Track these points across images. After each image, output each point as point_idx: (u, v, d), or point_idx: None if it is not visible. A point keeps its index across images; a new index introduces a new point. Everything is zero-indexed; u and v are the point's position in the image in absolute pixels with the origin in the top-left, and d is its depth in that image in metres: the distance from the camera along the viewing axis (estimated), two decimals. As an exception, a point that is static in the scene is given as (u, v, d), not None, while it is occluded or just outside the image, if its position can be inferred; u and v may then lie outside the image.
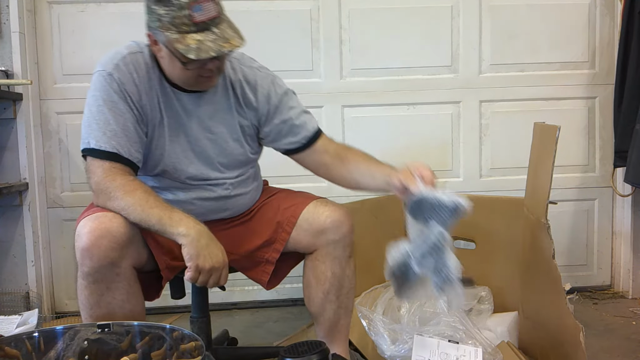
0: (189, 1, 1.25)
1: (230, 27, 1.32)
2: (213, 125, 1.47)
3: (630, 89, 2.34)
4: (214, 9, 1.29)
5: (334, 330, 1.55)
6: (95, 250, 1.25)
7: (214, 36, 1.28)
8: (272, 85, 1.51)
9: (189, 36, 1.27)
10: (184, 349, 1.25)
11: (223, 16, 1.33)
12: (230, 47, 1.29)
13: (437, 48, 2.55)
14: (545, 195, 1.56)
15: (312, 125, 1.56)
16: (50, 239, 2.48)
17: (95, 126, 1.35)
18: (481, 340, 1.69)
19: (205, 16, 1.27)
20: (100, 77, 1.37)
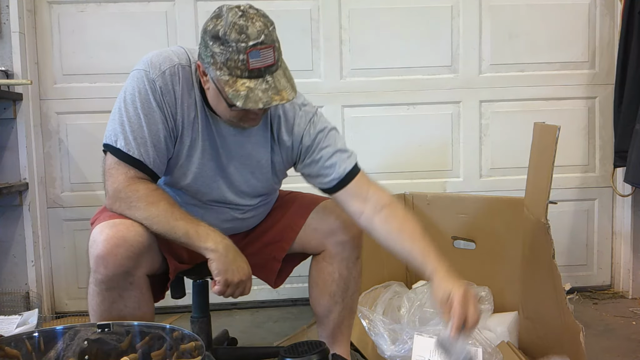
0: (249, 46, 1.18)
1: (285, 75, 1.26)
2: (245, 157, 1.42)
3: (630, 89, 2.35)
4: (272, 56, 1.21)
5: (337, 332, 1.56)
6: (110, 259, 1.24)
7: (266, 85, 1.21)
8: (309, 125, 1.42)
9: (240, 81, 1.20)
10: (184, 349, 1.25)
11: (280, 63, 1.26)
12: (280, 101, 1.21)
13: (437, 48, 2.55)
14: (545, 195, 1.56)
15: (343, 166, 1.42)
16: (50, 239, 2.48)
17: (127, 127, 1.30)
18: (481, 340, 1.69)
19: (261, 63, 1.20)
20: (145, 78, 1.32)
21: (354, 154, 1.46)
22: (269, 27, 1.21)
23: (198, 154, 1.38)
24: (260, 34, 1.18)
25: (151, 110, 1.31)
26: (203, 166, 1.40)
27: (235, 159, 1.42)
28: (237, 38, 1.17)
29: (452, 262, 2.23)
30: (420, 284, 2.18)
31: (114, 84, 2.40)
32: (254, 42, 1.18)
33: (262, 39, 1.18)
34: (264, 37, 1.19)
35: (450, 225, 2.23)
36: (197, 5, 2.44)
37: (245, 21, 1.19)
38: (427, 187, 2.50)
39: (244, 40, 1.17)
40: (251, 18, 1.20)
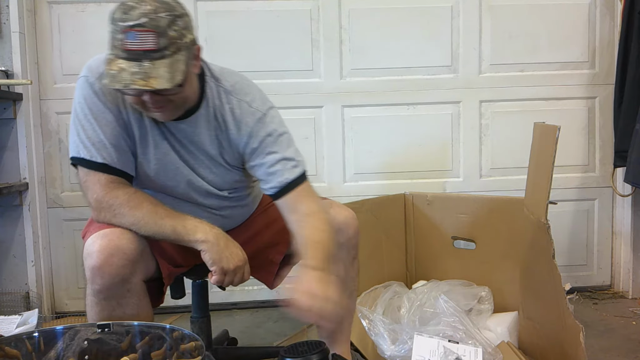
0: (126, 26, 1.17)
1: (172, 67, 1.18)
2: (196, 148, 1.40)
3: (630, 89, 2.34)
4: (153, 41, 1.16)
5: (336, 332, 1.55)
6: (106, 269, 1.25)
7: (138, 69, 1.16)
8: (257, 125, 1.37)
9: (118, 61, 1.18)
10: (184, 349, 1.25)
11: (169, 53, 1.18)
12: (143, 86, 1.16)
13: (437, 48, 2.55)
14: (545, 195, 1.56)
15: (285, 176, 1.36)
16: (50, 239, 2.48)
17: (83, 135, 1.31)
18: (481, 340, 1.69)
19: (138, 46, 1.16)
20: (86, 83, 1.33)
21: (301, 163, 1.39)
22: (159, 13, 1.17)
23: (151, 148, 1.38)
24: (142, 17, 1.16)
25: (100, 112, 1.32)
26: (160, 160, 1.39)
27: (188, 150, 1.40)
28: (120, 17, 1.17)
29: (452, 262, 2.25)
30: (420, 284, 2.18)
31: (114, 84, 2.40)
32: (132, 23, 1.16)
33: (141, 21, 1.16)
34: (147, 20, 1.16)
35: (450, 225, 2.23)
36: (197, 5, 2.44)
37: (135, 3, 1.18)
38: (427, 187, 2.50)
39: (124, 20, 1.17)
40: (144, 1, 1.18)
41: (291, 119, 2.50)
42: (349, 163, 2.55)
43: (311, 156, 2.51)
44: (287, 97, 2.45)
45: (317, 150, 2.52)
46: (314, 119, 2.51)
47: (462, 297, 1.96)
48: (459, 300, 1.90)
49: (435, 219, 2.26)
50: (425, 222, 2.29)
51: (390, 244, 2.30)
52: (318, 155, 2.53)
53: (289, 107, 2.48)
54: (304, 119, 2.50)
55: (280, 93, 2.45)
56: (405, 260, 2.35)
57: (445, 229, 2.24)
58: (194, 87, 1.33)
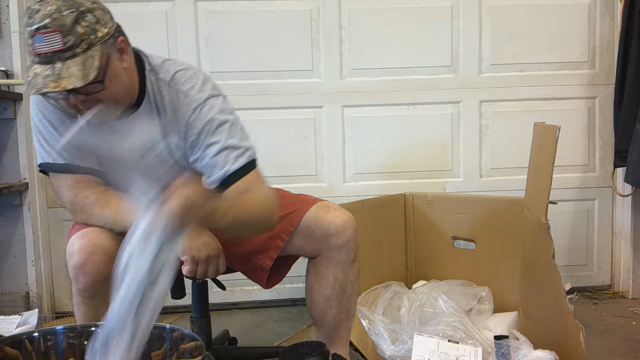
0: (32, 30, 1.13)
1: (83, 65, 1.15)
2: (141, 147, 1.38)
3: (630, 89, 2.34)
4: (60, 41, 1.13)
5: (334, 334, 1.55)
6: (88, 267, 1.25)
7: (50, 72, 1.14)
8: (193, 115, 1.33)
9: (33, 67, 1.16)
10: (184, 349, 1.24)
11: (81, 51, 1.15)
12: (54, 88, 1.13)
13: (437, 48, 2.55)
14: (545, 195, 1.56)
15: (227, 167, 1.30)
16: (50, 239, 2.48)
17: (43, 140, 1.33)
18: (481, 340, 1.69)
19: (47, 49, 1.13)
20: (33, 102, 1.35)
21: (248, 151, 1.33)
22: (63, 11, 1.14)
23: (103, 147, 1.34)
24: (45, 18, 1.13)
25: (53, 114, 1.32)
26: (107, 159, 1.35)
27: None
28: (27, 22, 1.15)
29: (452, 262, 2.24)
30: (420, 284, 2.18)
31: (114, 84, 2.40)
32: (36, 26, 1.13)
33: (45, 23, 1.13)
34: (49, 20, 1.13)
35: (450, 225, 2.23)
36: (197, 5, 2.44)
37: (40, 5, 1.14)
38: (427, 187, 2.50)
39: (30, 24, 1.14)
40: (47, 2, 1.14)
41: (291, 119, 2.53)
42: (349, 163, 2.55)
43: (311, 156, 2.51)
44: (287, 97, 2.45)
45: (317, 150, 2.52)
46: (314, 119, 2.51)
47: (462, 297, 1.96)
48: (459, 300, 1.90)
49: (435, 219, 2.26)
50: (425, 222, 2.29)
51: (390, 244, 2.30)
52: (318, 155, 2.53)
53: (289, 107, 2.48)
54: (304, 119, 2.50)
55: (280, 93, 2.45)
56: (405, 260, 2.35)
57: (445, 229, 2.24)
58: (124, 82, 1.28)
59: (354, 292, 1.54)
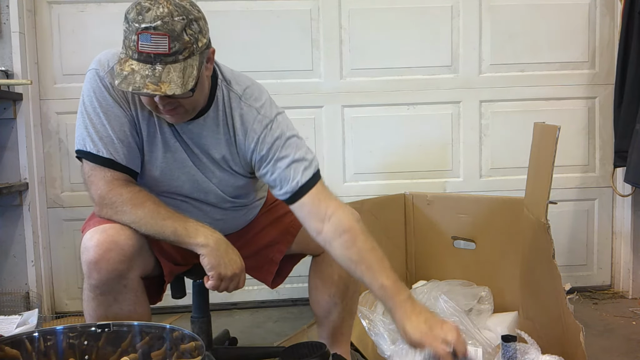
0: (140, 28, 1.14)
1: (184, 72, 1.17)
2: (202, 151, 1.39)
3: (630, 89, 2.35)
4: (167, 45, 1.15)
5: (337, 332, 1.56)
6: (103, 264, 1.25)
7: (150, 72, 1.15)
8: (265, 131, 1.36)
9: (130, 62, 1.17)
10: (184, 349, 1.25)
11: (182, 58, 1.17)
12: (154, 91, 1.15)
13: (437, 48, 2.55)
14: (545, 195, 1.56)
15: (297, 179, 1.33)
16: (50, 239, 2.48)
17: (92, 129, 1.31)
18: (481, 340, 1.69)
19: (152, 49, 1.15)
20: (97, 76, 1.32)
21: (313, 163, 1.37)
22: (174, 16, 1.15)
23: (159, 146, 1.37)
24: (157, 19, 1.14)
25: (109, 106, 1.31)
26: (167, 159, 1.39)
27: (193, 152, 1.39)
28: (135, 18, 1.15)
29: (452, 262, 2.24)
30: (420, 284, 2.18)
31: (114, 84, 2.40)
32: (146, 25, 1.14)
33: (156, 24, 1.14)
34: (160, 23, 1.14)
35: (450, 225, 2.23)
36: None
37: (150, 4, 1.15)
38: (427, 187, 2.50)
39: (138, 21, 1.14)
40: (159, 3, 1.16)
41: (291, 119, 2.51)
42: (349, 163, 2.55)
43: (311, 156, 2.51)
44: (287, 97, 2.45)
45: (317, 150, 2.52)
46: (314, 119, 2.51)
47: (462, 297, 1.96)
48: (459, 300, 1.90)
49: (435, 219, 2.26)
50: (425, 222, 2.29)
51: (390, 244, 2.29)
52: (318, 156, 2.52)
53: (289, 107, 2.45)
54: (304, 119, 2.50)
55: (280, 93, 2.45)
56: (405, 260, 2.35)
57: (445, 229, 2.24)
58: (206, 90, 1.32)
59: (356, 290, 1.55)
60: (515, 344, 1.43)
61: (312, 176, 1.34)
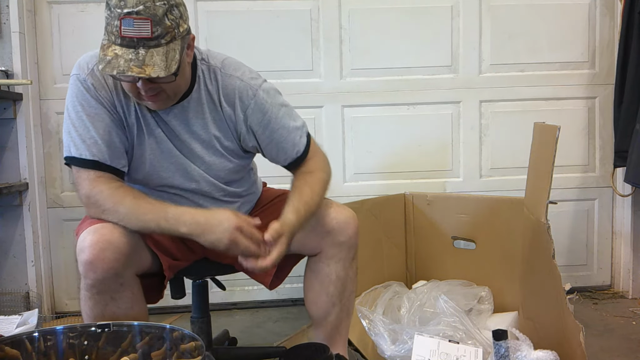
0: (123, 13, 1.17)
1: (165, 56, 1.20)
2: (187, 139, 1.41)
3: (630, 89, 2.34)
4: (149, 29, 1.18)
5: (334, 333, 1.55)
6: (99, 263, 1.25)
7: (133, 56, 1.18)
8: (253, 101, 1.40)
9: (113, 47, 1.19)
10: (184, 349, 1.25)
11: (165, 42, 1.20)
12: (138, 74, 1.17)
13: (437, 48, 2.55)
14: (545, 195, 1.56)
15: (296, 149, 1.46)
16: (50, 239, 2.48)
17: (74, 133, 1.33)
18: (481, 340, 1.69)
19: (134, 34, 1.17)
20: (77, 81, 1.34)
21: (305, 127, 1.49)
22: (156, 1, 1.18)
23: (146, 137, 1.39)
24: (139, 4, 1.17)
25: (92, 108, 1.33)
26: (154, 150, 1.40)
27: (180, 139, 1.41)
28: (117, 4, 1.18)
29: (452, 262, 2.24)
30: (420, 284, 2.18)
31: (114, 84, 2.40)
32: (128, 10, 1.17)
33: (138, 9, 1.17)
34: (143, 8, 1.17)
35: (450, 225, 2.23)
36: (197, 5, 2.44)
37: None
38: (427, 187, 2.50)
39: (120, 7, 1.17)
40: None
41: (291, 119, 2.52)
42: (349, 163, 2.56)
43: (311, 156, 2.51)
44: (287, 97, 2.41)
45: (317, 150, 2.52)
46: (314, 119, 2.51)
47: (462, 297, 1.96)
48: (459, 300, 1.90)
49: (435, 219, 2.26)
50: (425, 222, 2.29)
51: (390, 244, 2.30)
52: (318, 155, 2.53)
53: (289, 107, 2.48)
54: (304, 119, 2.48)
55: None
56: (405, 260, 2.35)
57: (445, 229, 2.24)
58: (187, 76, 1.35)
59: (353, 290, 1.55)
60: (507, 341, 1.43)
61: (307, 141, 1.48)
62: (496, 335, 1.44)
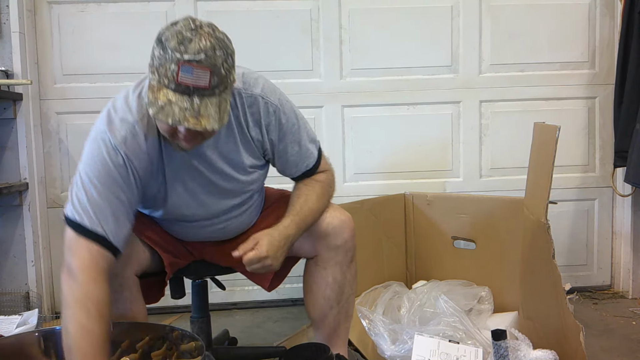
0: (183, 59, 1.11)
1: (219, 106, 1.16)
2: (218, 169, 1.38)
3: (630, 89, 2.34)
4: (208, 80, 1.13)
5: (333, 335, 1.55)
6: None
7: (188, 105, 1.12)
8: (274, 118, 1.40)
9: (164, 91, 1.13)
10: (184, 349, 1.25)
11: (220, 92, 1.16)
12: (195, 125, 1.13)
13: (437, 48, 2.55)
14: (545, 195, 1.56)
15: (307, 162, 1.48)
16: (50, 239, 2.48)
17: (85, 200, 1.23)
18: (481, 340, 1.69)
19: (192, 82, 1.12)
20: (104, 145, 1.26)
21: (316, 140, 1.51)
22: (216, 50, 1.13)
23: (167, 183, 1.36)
24: (201, 53, 1.12)
25: (111, 179, 1.25)
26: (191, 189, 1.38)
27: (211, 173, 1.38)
28: (175, 47, 1.12)
29: (452, 262, 2.25)
30: (420, 284, 2.18)
31: (114, 84, 2.40)
32: (190, 57, 1.11)
33: (200, 58, 1.12)
34: (204, 57, 1.12)
35: (450, 225, 2.23)
36: (197, 5, 2.44)
37: (192, 35, 1.13)
38: (427, 187, 2.50)
39: (180, 52, 1.11)
40: (201, 34, 1.13)
41: (291, 119, 2.52)
42: (349, 163, 2.55)
43: (311, 156, 2.51)
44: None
45: (317, 150, 2.52)
46: (314, 119, 2.51)
47: (462, 297, 1.96)
48: (459, 300, 1.90)
49: (435, 219, 2.26)
50: (425, 222, 2.29)
51: (390, 244, 2.30)
52: (318, 155, 2.53)
53: (289, 107, 2.48)
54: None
55: (280, 93, 2.45)
56: (405, 260, 2.35)
57: (445, 229, 2.24)
58: None
59: (352, 292, 1.55)
60: (506, 341, 1.43)
61: (316, 157, 1.49)
62: (495, 335, 1.44)
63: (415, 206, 2.31)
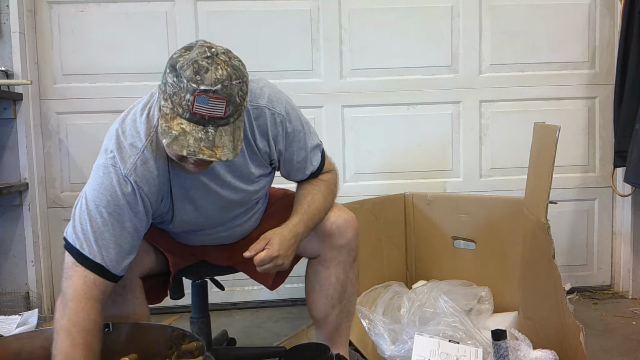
0: (199, 89, 1.09)
1: (233, 135, 1.14)
2: (227, 183, 1.37)
3: (630, 89, 2.34)
4: (223, 110, 1.11)
5: (334, 335, 1.55)
6: None
7: (203, 135, 1.11)
8: (279, 127, 1.37)
9: (178, 120, 1.11)
10: (184, 349, 1.25)
11: (234, 120, 1.14)
12: (210, 157, 1.11)
13: (437, 48, 2.55)
14: (545, 195, 1.56)
15: (311, 168, 1.47)
16: (50, 239, 2.48)
17: (88, 228, 1.22)
18: (481, 340, 1.69)
19: (207, 112, 1.10)
20: (114, 173, 1.24)
21: (320, 144, 1.51)
22: (232, 80, 1.11)
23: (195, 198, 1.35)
24: (218, 83, 1.10)
25: (119, 208, 1.23)
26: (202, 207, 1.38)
27: (225, 181, 1.37)
28: (191, 77, 1.09)
29: (452, 262, 2.25)
30: (420, 284, 2.18)
31: (114, 84, 2.40)
32: (206, 87, 1.09)
33: (216, 88, 1.09)
34: (220, 87, 1.10)
35: (450, 225, 2.23)
36: (197, 5, 2.44)
37: (208, 64, 1.10)
38: (427, 187, 2.50)
39: (196, 82, 1.09)
40: (217, 63, 1.11)
41: (291, 119, 2.52)
42: (349, 163, 2.56)
43: (311, 156, 2.51)
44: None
45: (317, 150, 2.52)
46: (314, 119, 2.51)
47: (462, 297, 1.97)
48: (459, 300, 1.90)
49: (435, 219, 2.26)
50: (425, 222, 2.29)
51: (390, 244, 2.30)
52: (318, 155, 2.53)
53: (289, 107, 2.48)
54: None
55: (280, 93, 2.45)
56: (405, 260, 2.35)
57: (445, 229, 2.24)
58: None
59: (354, 292, 1.55)
60: (506, 341, 1.43)
61: (320, 160, 1.49)
62: (495, 335, 1.44)
63: (415, 206, 2.31)
